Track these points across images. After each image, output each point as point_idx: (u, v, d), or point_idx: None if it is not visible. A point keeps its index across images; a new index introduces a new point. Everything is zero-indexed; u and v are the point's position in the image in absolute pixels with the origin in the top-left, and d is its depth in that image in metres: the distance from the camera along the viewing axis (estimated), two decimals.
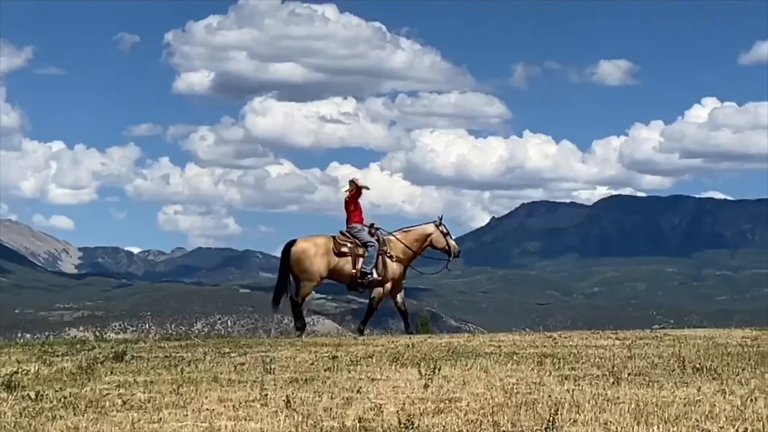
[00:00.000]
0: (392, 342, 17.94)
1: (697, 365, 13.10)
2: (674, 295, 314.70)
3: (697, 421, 9.11)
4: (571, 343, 17.28)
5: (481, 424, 9.20)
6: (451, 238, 21.36)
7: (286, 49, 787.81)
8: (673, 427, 8.90)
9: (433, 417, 9.62)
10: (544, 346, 16.62)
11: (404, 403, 10.37)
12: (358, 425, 9.29)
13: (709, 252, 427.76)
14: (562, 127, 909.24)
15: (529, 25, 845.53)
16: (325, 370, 13.36)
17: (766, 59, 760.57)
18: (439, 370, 12.69)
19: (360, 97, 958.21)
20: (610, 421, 9.14)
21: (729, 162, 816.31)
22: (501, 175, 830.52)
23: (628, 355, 14.87)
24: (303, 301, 20.53)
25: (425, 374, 12.28)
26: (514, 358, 14.66)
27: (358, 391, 11.34)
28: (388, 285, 20.55)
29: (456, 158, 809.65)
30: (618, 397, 10.43)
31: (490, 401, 10.42)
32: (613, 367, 13.09)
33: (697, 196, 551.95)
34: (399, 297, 20.89)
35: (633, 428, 8.87)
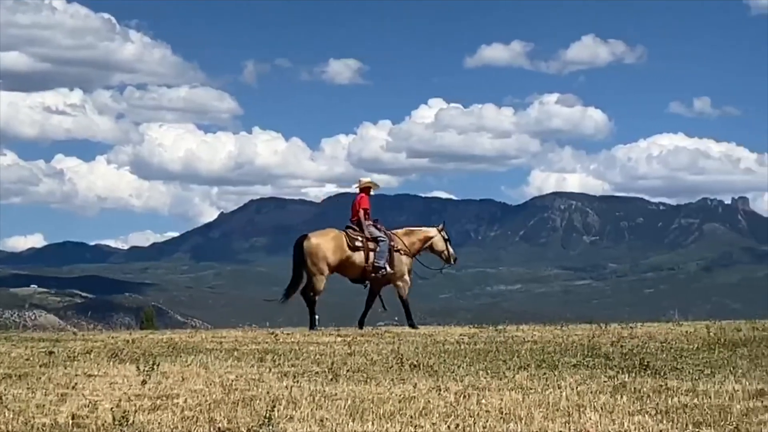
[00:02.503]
0: (112, 338, 17.66)
1: (415, 362, 13.33)
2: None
3: (412, 417, 9.25)
4: (292, 339, 17.39)
5: (197, 421, 9.11)
6: (450, 245, 22.13)
7: (11, 37, 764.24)
8: (388, 423, 9.01)
9: (149, 413, 9.47)
10: (266, 343, 16.66)
11: (120, 400, 10.18)
12: (71, 422, 9.07)
13: None
14: (291, 125, 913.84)
15: (260, 23, 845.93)
16: (40, 366, 13.03)
17: (490, 62, 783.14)
18: (158, 366, 12.53)
19: (87, 89, 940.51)
20: (327, 418, 9.19)
21: (454, 162, 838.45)
22: (230, 170, 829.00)
23: (348, 351, 15.03)
24: (317, 295, 20.83)
25: (143, 370, 12.12)
26: (235, 354, 14.63)
27: (73, 387, 11.08)
28: (406, 277, 21.37)
29: (185, 153, 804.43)
30: (335, 394, 10.50)
31: (208, 398, 10.33)
32: (333, 364, 13.20)
33: (423, 195, 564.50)
34: (380, 290, 21.38)
35: (348, 424, 8.94)
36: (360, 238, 20.88)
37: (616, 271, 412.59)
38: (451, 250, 22.11)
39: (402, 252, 21.28)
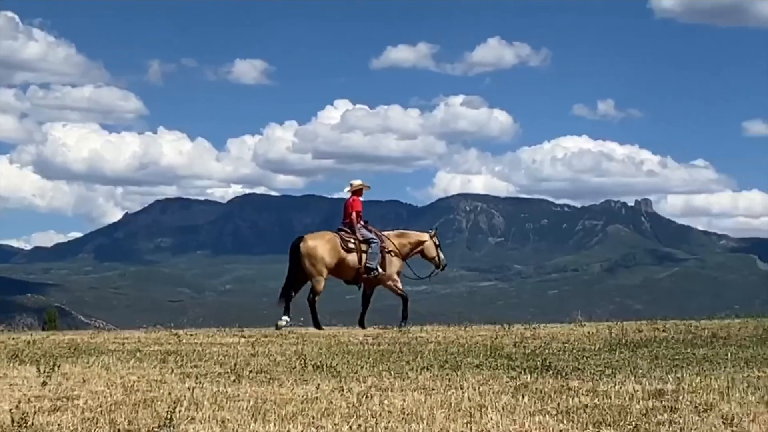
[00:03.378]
0: (13, 339, 17.43)
1: (318, 363, 13.32)
2: (305, 293, 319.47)
3: (314, 418, 9.24)
4: (196, 340, 17.31)
5: (97, 422, 9.01)
6: (441, 250, 22.28)
7: None
8: (290, 423, 8.99)
9: (48, 415, 9.35)
10: (169, 344, 16.57)
11: (20, 401, 10.04)
12: None
13: None
14: (197, 125, 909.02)
15: (166, 22, 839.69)
16: None
17: (396, 64, 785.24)
18: (59, 367, 12.41)
19: None
20: (228, 419, 9.15)
21: (360, 163, 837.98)
22: (134, 170, 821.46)
23: (252, 352, 14.99)
24: (317, 296, 21.12)
25: (44, 372, 11.99)
26: (137, 355, 14.53)
27: None
28: (396, 277, 21.54)
29: (89, 153, 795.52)
30: (238, 395, 10.45)
31: (109, 399, 10.23)
32: (236, 365, 13.15)
33: (329, 196, 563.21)
34: (373, 290, 21.74)
35: (250, 425, 8.90)
36: (353, 240, 21.21)
37: (521, 273, 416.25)
38: (441, 255, 22.29)
39: (393, 254, 21.49)
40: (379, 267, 21.21)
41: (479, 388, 10.92)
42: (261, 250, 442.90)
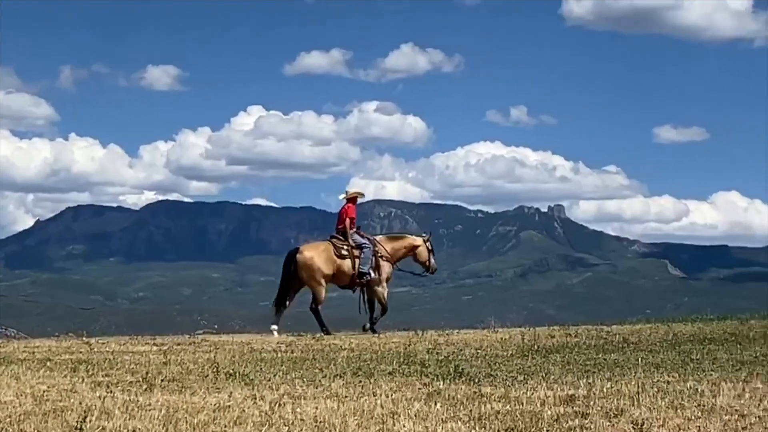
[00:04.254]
0: None
1: (231, 371, 13.26)
2: (219, 301, 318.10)
3: (226, 426, 9.20)
4: (107, 349, 17.13)
5: None
6: (433, 255, 22.80)
7: None
8: None
9: None
10: (80, 352, 16.38)
11: None
12: None
13: (254, 258, 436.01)
14: (109, 131, 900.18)
15: (77, 27, 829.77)
16: None
17: (310, 70, 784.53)
18: None
19: None
20: (139, 428, 9.07)
21: (274, 170, 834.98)
22: (46, 177, 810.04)
23: (164, 361, 14.86)
24: (320, 305, 21.50)
25: None
26: (48, 364, 14.34)
27: None
28: (385, 283, 21.95)
29: None
30: (149, 404, 10.36)
31: (18, 409, 10.08)
32: (147, 373, 13.03)
33: (243, 202, 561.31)
34: (374, 293, 21.92)
35: None
36: (346, 247, 21.74)
37: (435, 278, 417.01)
38: (432, 260, 22.79)
39: (384, 258, 21.90)
40: (371, 271, 21.63)
41: (392, 395, 10.93)
42: (174, 257, 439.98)
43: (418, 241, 22.73)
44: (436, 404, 10.23)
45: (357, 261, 21.62)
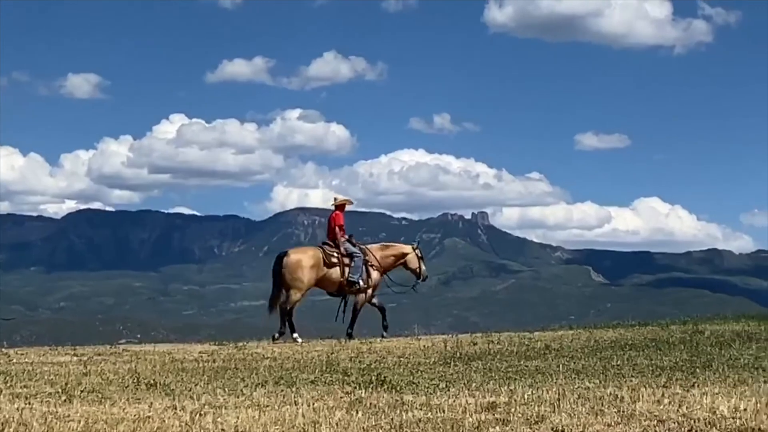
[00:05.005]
0: None
1: (152, 381, 13.16)
2: (142, 310, 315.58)
3: None
4: (26, 360, 16.92)
5: None
6: (423, 263, 23.26)
7: None
8: None
9: None
10: None
11: None
12: None
13: (176, 267, 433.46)
14: (29, 140, 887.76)
15: None
16: None
17: (232, 78, 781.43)
18: None
19: None
20: None
21: (197, 178, 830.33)
22: None
23: (84, 371, 14.71)
24: (292, 307, 21.68)
25: None
26: None
27: None
28: (369, 291, 22.38)
29: None
30: (68, 415, 10.23)
31: None
32: (67, 384, 12.89)
33: (166, 211, 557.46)
34: (375, 299, 22.66)
35: None
36: (336, 254, 22.05)
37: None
38: (423, 267, 23.22)
39: (374, 267, 22.32)
40: (361, 279, 22.00)
41: (313, 404, 10.89)
42: (96, 267, 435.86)
43: (407, 248, 23.23)
44: (357, 413, 10.21)
45: (347, 269, 21.99)
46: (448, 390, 12.07)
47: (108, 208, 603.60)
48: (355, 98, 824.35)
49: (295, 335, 21.50)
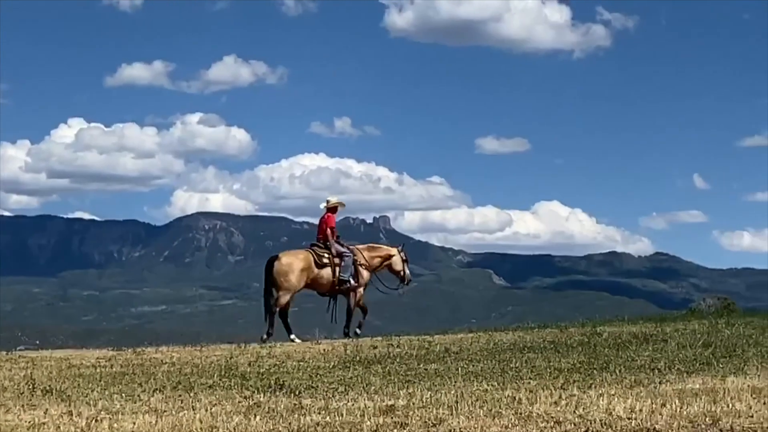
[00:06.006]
0: None
1: (48, 387, 13.01)
2: (41, 316, 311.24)
3: None
4: None
5: None
6: (407, 266, 23.63)
7: None
8: None
9: None
10: None
11: None
12: None
13: (76, 272, 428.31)
14: None
15: None
16: None
17: (131, 82, 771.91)
18: None
19: None
20: None
21: (96, 183, 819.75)
22: None
23: None
24: (284, 309, 22.16)
25: None
26: None
27: None
28: (361, 290, 22.75)
29: None
30: None
31: None
32: None
33: (65, 216, 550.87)
34: (354, 299, 22.78)
35: None
36: (326, 255, 22.47)
37: (261, 291, 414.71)
38: (407, 270, 23.62)
39: (363, 267, 22.75)
40: (351, 279, 22.47)
41: (211, 408, 10.83)
42: None
43: (393, 250, 23.63)
44: (255, 417, 10.17)
45: (338, 269, 22.39)
46: (347, 394, 12.08)
47: (6, 213, 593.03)
48: (255, 102, 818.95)
49: (292, 336, 21.91)
